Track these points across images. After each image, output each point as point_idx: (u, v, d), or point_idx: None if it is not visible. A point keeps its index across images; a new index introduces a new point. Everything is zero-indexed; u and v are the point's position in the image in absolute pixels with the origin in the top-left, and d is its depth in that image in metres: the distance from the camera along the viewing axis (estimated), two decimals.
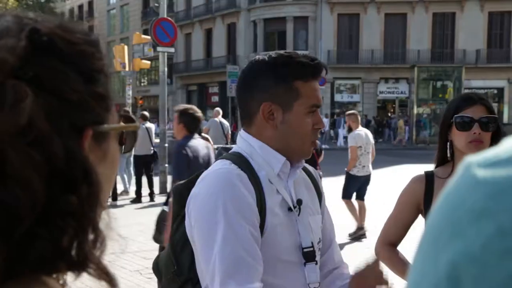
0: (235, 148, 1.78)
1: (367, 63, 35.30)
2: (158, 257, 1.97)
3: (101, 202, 0.64)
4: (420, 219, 2.47)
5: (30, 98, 0.57)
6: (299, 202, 1.72)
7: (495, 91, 34.08)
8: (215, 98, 41.01)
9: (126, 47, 12.56)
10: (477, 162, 0.45)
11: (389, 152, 25.35)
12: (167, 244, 1.90)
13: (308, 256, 1.70)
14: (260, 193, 1.62)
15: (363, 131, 8.58)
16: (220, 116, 13.19)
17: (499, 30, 35.31)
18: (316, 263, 1.72)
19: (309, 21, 36.29)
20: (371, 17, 35.67)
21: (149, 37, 13.82)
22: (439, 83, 31.26)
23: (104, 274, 0.64)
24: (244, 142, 1.74)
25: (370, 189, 9.10)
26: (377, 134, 34.45)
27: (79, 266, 0.62)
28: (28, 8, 39.04)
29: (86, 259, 0.62)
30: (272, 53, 1.75)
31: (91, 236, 0.63)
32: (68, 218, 0.60)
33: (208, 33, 42.67)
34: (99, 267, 0.64)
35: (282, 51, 1.77)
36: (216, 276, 1.50)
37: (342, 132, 29.20)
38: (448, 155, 2.39)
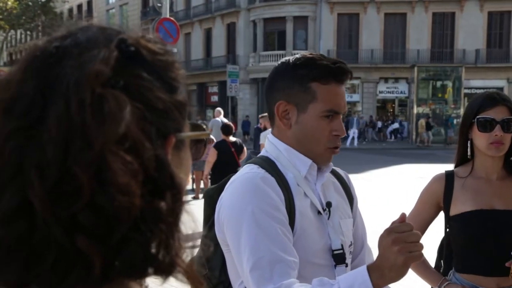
0: (263, 152, 1.79)
1: (367, 63, 35.30)
2: None
3: (184, 207, 0.66)
4: (440, 216, 2.50)
5: (128, 107, 0.60)
6: (329, 204, 1.73)
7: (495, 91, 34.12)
8: (215, 98, 40.98)
9: None
10: None
11: (391, 152, 25.41)
12: (198, 248, 1.91)
13: (338, 258, 1.70)
14: (289, 196, 1.63)
15: None
16: (221, 116, 13.22)
17: (499, 30, 35.36)
18: (347, 266, 1.72)
19: (308, 21, 36.29)
20: (370, 16, 35.68)
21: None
22: (438, 83, 31.31)
23: (190, 277, 0.66)
24: (271, 146, 1.75)
25: (373, 189, 9.13)
26: (380, 133, 34.59)
27: (166, 270, 0.63)
28: (28, 8, 38.99)
29: (173, 263, 0.63)
30: (298, 55, 1.75)
31: (176, 240, 0.64)
32: (158, 224, 0.61)
33: (208, 33, 42.64)
34: (185, 271, 0.65)
35: (307, 53, 1.76)
36: (251, 278, 1.50)
37: (352, 132, 29.09)
38: (469, 154, 2.40)
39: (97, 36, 0.66)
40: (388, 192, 12.20)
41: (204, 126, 0.77)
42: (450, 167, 2.53)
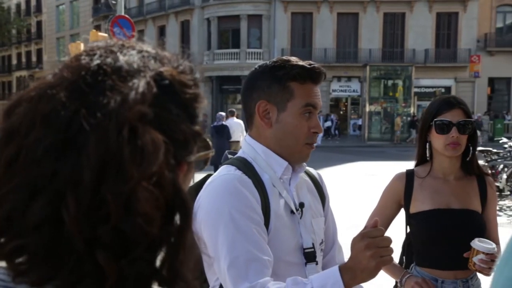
0: (240, 152, 1.85)
1: (320, 62, 35.19)
2: None
3: (190, 224, 0.70)
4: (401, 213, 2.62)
5: (163, 149, 0.65)
6: (301, 205, 1.80)
7: (443, 90, 35.08)
8: None
9: (82, 44, 12.36)
10: None
11: (343, 149, 25.81)
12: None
13: (309, 256, 1.78)
14: (265, 197, 1.69)
15: None
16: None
17: (447, 30, 36.33)
18: (317, 264, 1.80)
19: (263, 20, 36.45)
20: (324, 16, 36.12)
21: (106, 34, 13.67)
22: (389, 82, 32.02)
23: None
24: (249, 147, 1.81)
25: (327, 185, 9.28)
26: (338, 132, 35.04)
27: (169, 283, 0.67)
28: None
29: (176, 277, 0.67)
30: (275, 58, 1.83)
31: (181, 256, 0.68)
32: (167, 243, 0.66)
33: (161, 30, 42.25)
34: (188, 285, 0.69)
35: (284, 57, 1.85)
36: (229, 277, 1.57)
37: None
38: (427, 155, 2.54)
39: (136, 61, 0.70)
40: (341, 189, 12.43)
41: (209, 142, 0.82)
42: (400, 164, 2.65)
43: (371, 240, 1.48)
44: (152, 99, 0.67)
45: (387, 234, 2.59)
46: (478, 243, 2.26)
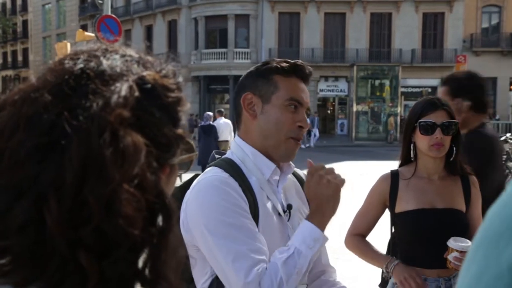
0: (228, 153, 1.85)
1: (308, 61, 34.24)
2: None
3: (174, 226, 0.72)
4: (386, 213, 2.66)
5: (144, 151, 0.66)
6: (289, 206, 1.81)
7: (430, 90, 35.29)
8: None
9: (69, 44, 12.30)
10: None
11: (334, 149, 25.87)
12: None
13: None
14: (254, 200, 1.70)
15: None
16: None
17: (433, 30, 36.56)
18: None
19: (250, 19, 36.47)
20: (311, 16, 36.20)
21: (93, 34, 13.60)
22: (377, 82, 32.16)
23: None
24: (238, 148, 1.81)
25: None
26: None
27: (151, 284, 0.68)
28: None
29: (158, 278, 0.68)
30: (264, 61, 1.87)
31: (163, 257, 0.69)
32: (148, 245, 0.67)
33: (149, 30, 42.12)
34: (170, 285, 0.70)
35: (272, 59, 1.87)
36: (235, 270, 1.56)
37: (314, 131, 28.70)
38: (412, 156, 2.57)
39: (119, 65, 0.72)
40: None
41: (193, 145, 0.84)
42: (388, 164, 2.68)
43: (320, 172, 1.66)
44: (134, 103, 0.68)
45: (372, 233, 2.66)
46: (453, 242, 2.32)
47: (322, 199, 1.64)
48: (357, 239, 2.66)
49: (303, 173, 2.03)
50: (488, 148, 3.03)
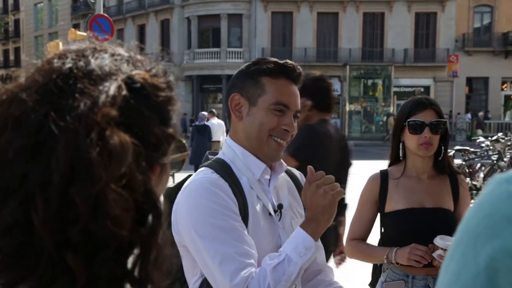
0: (220, 154, 1.84)
1: (300, 61, 35.63)
2: None
3: (163, 226, 0.72)
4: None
5: (131, 150, 0.65)
6: (280, 206, 1.80)
7: (422, 89, 35.40)
8: None
9: (61, 43, 12.23)
10: (506, 179, 0.60)
11: None
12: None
13: None
14: (243, 200, 1.70)
15: None
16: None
17: (425, 30, 36.65)
18: None
19: (243, 19, 36.44)
20: (304, 15, 36.22)
21: (85, 33, 13.55)
22: (369, 81, 32.24)
23: None
24: (228, 149, 1.81)
25: None
26: None
27: (141, 284, 0.68)
28: None
29: (147, 278, 0.68)
30: (254, 59, 1.85)
31: (152, 257, 0.69)
32: (137, 246, 0.67)
33: (141, 29, 41.99)
34: (159, 286, 0.70)
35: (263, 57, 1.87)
36: (222, 272, 1.57)
37: None
38: (401, 155, 2.59)
39: (108, 65, 0.71)
40: None
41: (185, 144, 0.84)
42: (381, 163, 2.69)
43: (318, 181, 1.64)
44: (122, 102, 0.67)
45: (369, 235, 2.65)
46: (439, 240, 2.34)
47: (318, 210, 1.63)
48: (354, 242, 2.66)
49: (298, 172, 2.02)
50: (315, 141, 3.42)
